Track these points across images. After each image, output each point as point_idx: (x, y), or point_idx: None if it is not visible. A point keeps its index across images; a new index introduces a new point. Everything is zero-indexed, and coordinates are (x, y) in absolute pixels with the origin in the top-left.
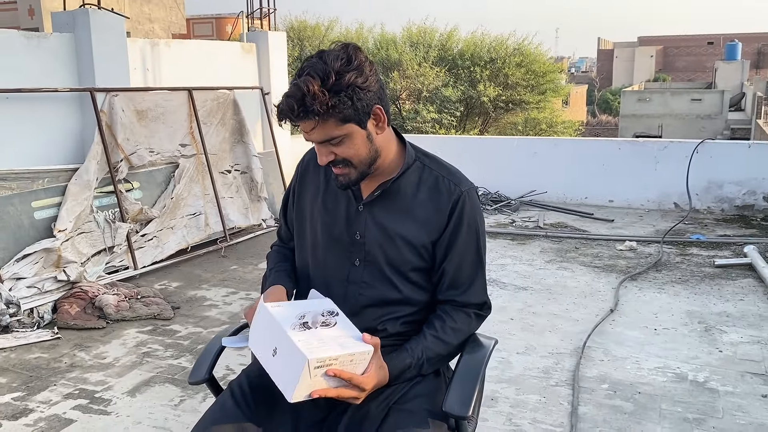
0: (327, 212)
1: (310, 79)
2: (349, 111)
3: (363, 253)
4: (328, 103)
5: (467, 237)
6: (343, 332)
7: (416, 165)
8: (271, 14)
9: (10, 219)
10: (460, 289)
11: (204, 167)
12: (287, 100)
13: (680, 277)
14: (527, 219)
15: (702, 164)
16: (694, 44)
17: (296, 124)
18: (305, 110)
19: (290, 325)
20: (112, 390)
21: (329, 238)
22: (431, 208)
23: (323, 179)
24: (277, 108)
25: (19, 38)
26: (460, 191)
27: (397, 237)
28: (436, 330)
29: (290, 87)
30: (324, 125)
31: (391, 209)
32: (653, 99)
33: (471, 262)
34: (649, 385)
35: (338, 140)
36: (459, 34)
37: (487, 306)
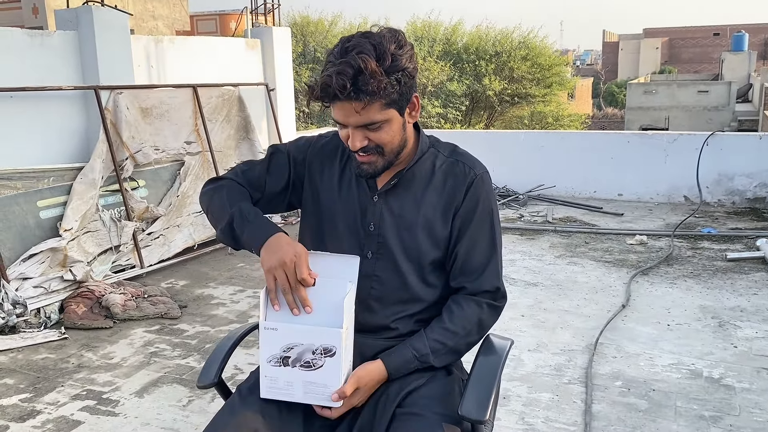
0: (340, 202)
1: (366, 57)
2: (396, 96)
3: (375, 245)
4: (382, 84)
5: (480, 219)
6: (320, 380)
7: (430, 152)
8: (275, 10)
9: (15, 219)
10: (473, 276)
11: (209, 164)
12: (338, 77)
13: (692, 271)
14: (535, 213)
15: (712, 157)
16: (700, 35)
17: (327, 105)
18: (357, 89)
19: (269, 356)
20: (119, 391)
21: (341, 229)
22: (446, 193)
23: (338, 167)
24: (318, 85)
25: (22, 36)
26: (475, 174)
27: (413, 225)
28: (443, 321)
29: (338, 64)
30: (369, 108)
31: (406, 198)
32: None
33: (484, 246)
34: (663, 382)
35: (377, 125)
36: (464, 28)
37: (501, 294)
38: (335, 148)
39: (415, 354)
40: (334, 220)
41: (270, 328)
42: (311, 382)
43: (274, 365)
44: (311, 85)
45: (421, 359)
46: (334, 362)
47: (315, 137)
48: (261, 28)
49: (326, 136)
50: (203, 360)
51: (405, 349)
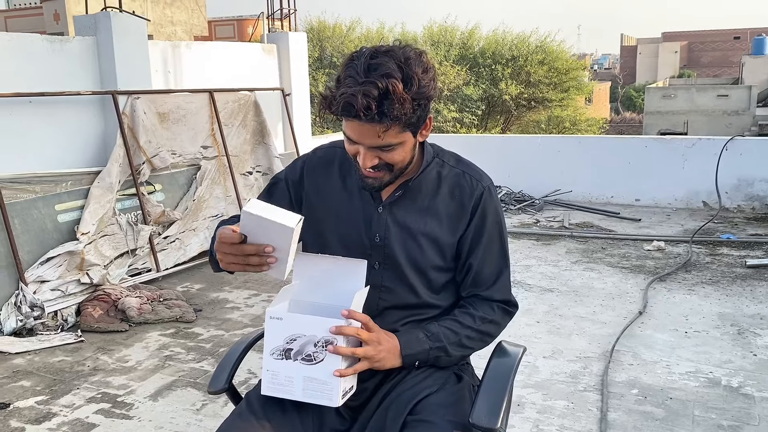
0: (344, 216)
1: (394, 81)
2: (414, 119)
3: (383, 255)
4: (406, 110)
5: (491, 233)
6: (319, 376)
7: (435, 162)
8: (292, 15)
9: (34, 222)
10: (484, 286)
11: (226, 169)
12: (364, 98)
13: (711, 277)
14: (552, 219)
15: (731, 161)
16: (719, 39)
17: (340, 119)
18: (381, 113)
19: (272, 348)
20: (134, 394)
21: (347, 243)
22: (453, 204)
23: (338, 178)
24: (338, 100)
25: (42, 42)
26: (483, 187)
27: (419, 235)
28: (455, 314)
29: (362, 84)
30: (388, 131)
31: (411, 208)
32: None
33: (495, 259)
34: (680, 390)
35: (391, 148)
36: (480, 33)
37: (512, 303)
38: (332, 160)
39: (426, 334)
40: (339, 233)
41: (275, 317)
42: (311, 378)
43: (277, 358)
44: (327, 96)
45: (432, 339)
46: (334, 356)
47: (310, 153)
48: (277, 33)
49: (322, 148)
50: (217, 364)
51: (414, 329)
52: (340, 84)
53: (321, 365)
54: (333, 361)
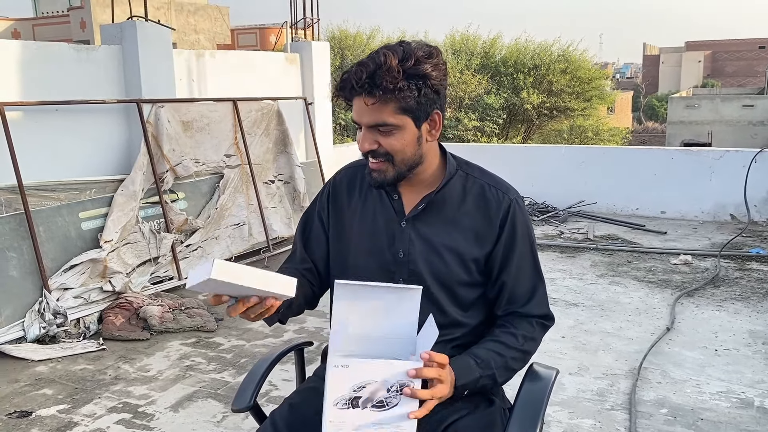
0: (367, 232)
1: (389, 54)
2: (412, 102)
3: (407, 272)
4: (398, 83)
5: (522, 247)
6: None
7: (459, 174)
8: (315, 24)
9: (58, 230)
10: (520, 303)
11: (248, 177)
12: (357, 68)
13: (740, 293)
14: (576, 230)
15: (761, 174)
16: (744, 48)
17: (350, 102)
18: (372, 83)
19: (336, 397)
20: (155, 404)
21: (370, 259)
22: (479, 218)
23: (359, 198)
24: (340, 78)
25: (68, 51)
26: (510, 200)
27: (444, 250)
28: (496, 336)
29: (363, 59)
30: (382, 107)
31: (435, 222)
32: (702, 105)
33: (529, 274)
34: (711, 410)
35: (388, 129)
36: (502, 42)
37: (550, 317)
38: (354, 179)
39: (476, 361)
40: (363, 249)
41: (340, 365)
42: (382, 424)
43: (342, 408)
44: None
45: (482, 366)
46: (409, 400)
47: (334, 176)
48: (300, 42)
49: (342, 170)
50: (238, 375)
51: (465, 356)
52: None
53: (395, 410)
54: (407, 404)
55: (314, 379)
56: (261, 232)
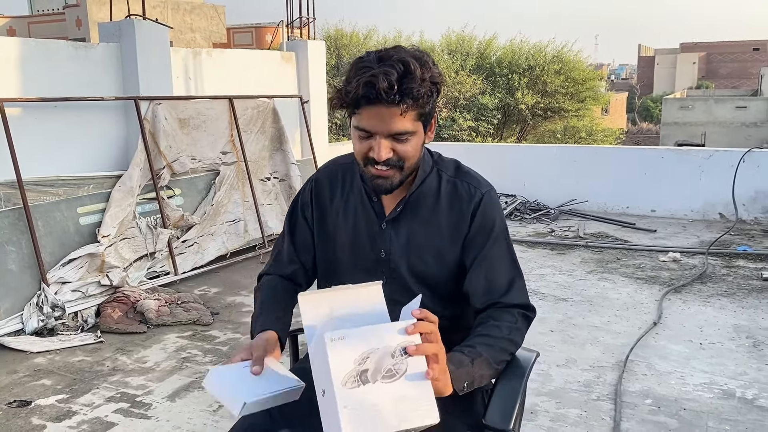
0: (350, 232)
1: (413, 62)
2: (428, 109)
3: (389, 270)
4: (423, 91)
5: (495, 239)
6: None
7: (433, 173)
8: (311, 23)
9: (56, 224)
10: (497, 294)
11: (244, 174)
12: (384, 77)
13: (726, 289)
14: (567, 228)
15: (749, 173)
16: (738, 50)
17: (355, 111)
18: (402, 91)
19: (344, 376)
20: (152, 394)
21: (354, 260)
22: (453, 214)
23: (341, 198)
24: (359, 85)
25: (67, 48)
26: (481, 194)
27: (423, 249)
28: (485, 330)
29: (380, 67)
30: (405, 116)
31: (413, 222)
32: (696, 106)
33: (505, 265)
34: (694, 401)
35: (405, 137)
36: (497, 42)
37: (531, 308)
38: (334, 178)
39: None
40: (346, 248)
41: (336, 338)
42: (402, 397)
43: (352, 386)
44: (341, 90)
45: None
46: (418, 359)
47: (315, 173)
48: (296, 41)
49: (322, 169)
50: None
51: (452, 352)
52: (352, 78)
53: (406, 379)
54: (416, 365)
55: (303, 360)
56: (256, 228)
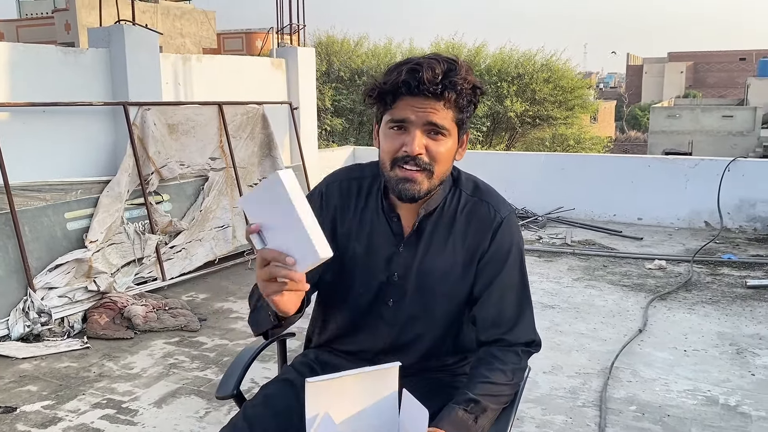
0: (362, 252)
1: (459, 61)
2: (465, 116)
3: (399, 293)
4: (465, 91)
5: (510, 267)
6: None
7: (453, 192)
8: (301, 30)
9: (43, 229)
10: (505, 327)
11: (233, 180)
12: (429, 66)
13: (711, 297)
14: (554, 236)
15: (734, 182)
16: (725, 60)
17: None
18: (446, 83)
19: None
20: (138, 401)
21: (364, 278)
22: (470, 237)
23: (354, 215)
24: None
25: (56, 53)
26: (501, 218)
27: (436, 276)
28: (484, 375)
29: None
30: (446, 110)
31: (431, 244)
32: (683, 115)
33: (516, 295)
34: (678, 407)
35: (440, 134)
36: (487, 50)
37: (536, 344)
38: (347, 194)
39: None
40: (356, 267)
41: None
42: None
43: None
44: (377, 82)
45: (474, 412)
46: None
47: (324, 184)
48: (286, 48)
49: (332, 182)
50: (221, 373)
51: (459, 411)
52: (393, 69)
53: None
54: None
55: (289, 369)
56: (244, 234)
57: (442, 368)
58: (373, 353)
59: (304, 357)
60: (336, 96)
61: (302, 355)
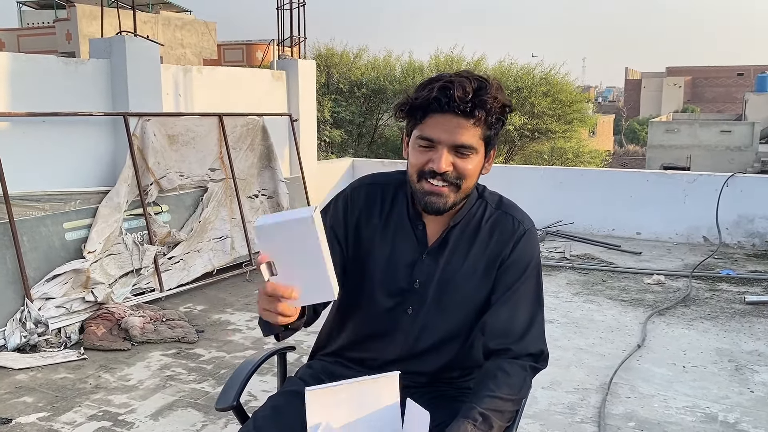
0: (385, 258)
1: (490, 80)
2: (493, 133)
3: (418, 301)
4: (494, 110)
5: (527, 278)
6: None
7: (478, 203)
8: (301, 42)
9: (42, 239)
10: (514, 336)
11: (232, 191)
12: (460, 85)
13: (710, 313)
14: (553, 250)
15: (732, 198)
16: (723, 75)
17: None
18: (476, 102)
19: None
20: (135, 413)
21: (385, 284)
22: (492, 246)
23: (379, 221)
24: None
25: (58, 64)
26: (524, 229)
27: (459, 283)
28: (490, 389)
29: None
30: (475, 130)
31: (454, 253)
32: (681, 130)
33: (528, 306)
34: (677, 424)
35: (468, 152)
36: (486, 64)
37: (544, 356)
38: (372, 199)
39: (476, 424)
40: (378, 272)
41: None
42: None
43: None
44: (408, 98)
45: (482, 428)
46: None
47: (349, 190)
48: (287, 60)
49: (358, 187)
50: (218, 385)
51: (461, 425)
52: (425, 85)
53: None
54: None
55: (296, 381)
56: (243, 245)
57: (448, 381)
58: (382, 362)
59: (309, 368)
60: (335, 107)
61: (307, 366)
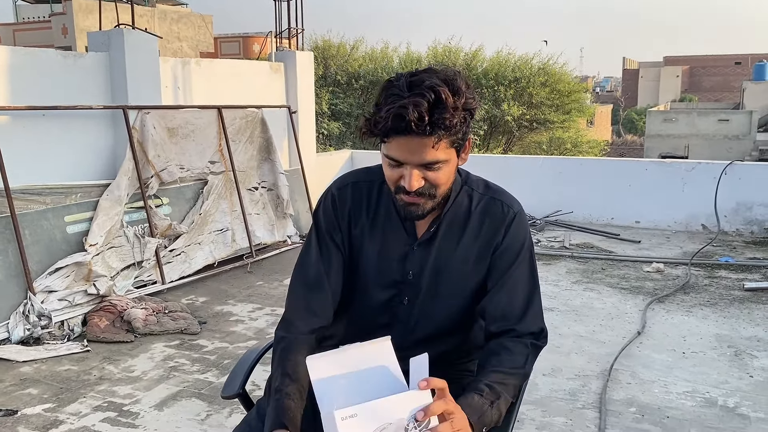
0: (377, 252)
1: (444, 90)
2: (460, 135)
3: (413, 292)
4: (455, 120)
5: (521, 261)
6: None
7: (464, 190)
8: (299, 34)
9: (43, 233)
10: (515, 318)
11: (232, 184)
12: (415, 108)
13: (709, 300)
14: (553, 239)
15: (730, 186)
16: (721, 64)
17: (385, 140)
18: (433, 123)
19: None
20: (139, 403)
21: (378, 278)
22: (484, 233)
23: (367, 217)
24: (386, 117)
25: (56, 57)
26: (513, 213)
27: (450, 273)
28: (494, 365)
29: (410, 97)
30: (438, 145)
31: (444, 243)
32: (679, 119)
33: (525, 287)
34: (677, 409)
35: (438, 166)
36: (484, 54)
37: (544, 334)
38: (359, 197)
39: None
40: (371, 267)
41: (348, 416)
42: None
43: None
44: (370, 119)
45: (489, 397)
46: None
47: (334, 188)
48: (285, 52)
49: (342, 186)
50: (221, 375)
51: (468, 396)
52: (383, 105)
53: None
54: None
55: None
56: (244, 237)
57: (449, 364)
58: None
59: None
60: (333, 100)
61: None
